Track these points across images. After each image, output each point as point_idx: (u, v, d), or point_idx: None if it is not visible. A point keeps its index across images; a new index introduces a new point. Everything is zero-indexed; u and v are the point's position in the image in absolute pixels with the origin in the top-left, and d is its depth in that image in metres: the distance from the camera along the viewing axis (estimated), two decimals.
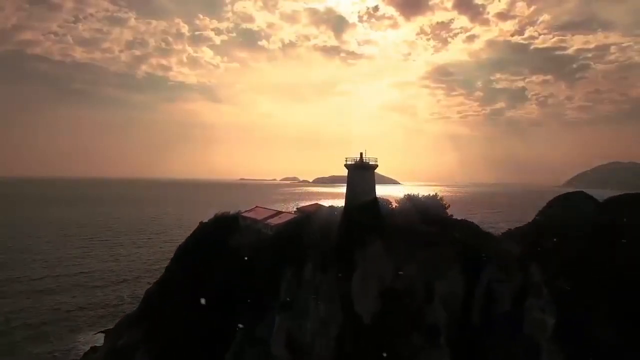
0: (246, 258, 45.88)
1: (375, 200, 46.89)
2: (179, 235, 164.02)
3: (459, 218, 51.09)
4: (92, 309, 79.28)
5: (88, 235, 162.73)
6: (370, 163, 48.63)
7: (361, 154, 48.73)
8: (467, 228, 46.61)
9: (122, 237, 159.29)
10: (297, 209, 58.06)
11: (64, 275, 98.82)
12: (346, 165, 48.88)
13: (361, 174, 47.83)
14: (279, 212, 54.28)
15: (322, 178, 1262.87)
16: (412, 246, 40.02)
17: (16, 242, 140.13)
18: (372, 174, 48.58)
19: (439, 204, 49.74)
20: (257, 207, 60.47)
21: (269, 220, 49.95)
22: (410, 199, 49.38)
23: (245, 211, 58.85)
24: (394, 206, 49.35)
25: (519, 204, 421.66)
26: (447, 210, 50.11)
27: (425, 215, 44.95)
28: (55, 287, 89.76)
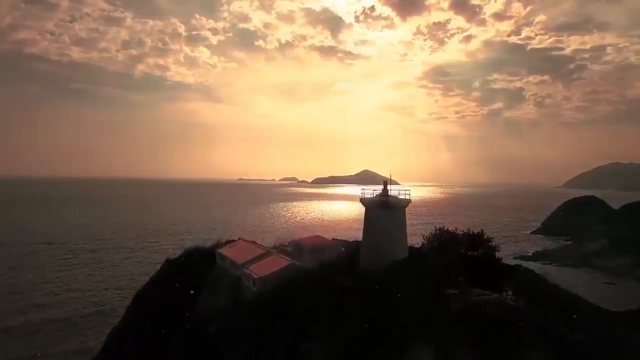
0: (215, 328, 32.59)
1: (411, 261, 30.47)
2: (170, 245, 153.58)
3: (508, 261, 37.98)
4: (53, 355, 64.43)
5: (72, 245, 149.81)
6: (400, 197, 32.01)
7: (385, 182, 33.11)
8: (531, 283, 33.07)
9: (107, 249, 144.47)
10: (291, 242, 45.58)
11: (30, 306, 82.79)
12: (362, 201, 33.24)
13: (387, 215, 31.14)
14: (267, 253, 40.04)
15: (321, 178, 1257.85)
16: (476, 346, 24.49)
17: None
18: (402, 215, 31.92)
19: (486, 244, 35.77)
20: (240, 239, 47.64)
21: (251, 268, 36.05)
22: (445, 237, 35.56)
23: (226, 243, 46.32)
24: (422, 243, 35.94)
25: (520, 205, 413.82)
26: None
27: (470, 263, 31.22)
28: (13, 327, 72.46)
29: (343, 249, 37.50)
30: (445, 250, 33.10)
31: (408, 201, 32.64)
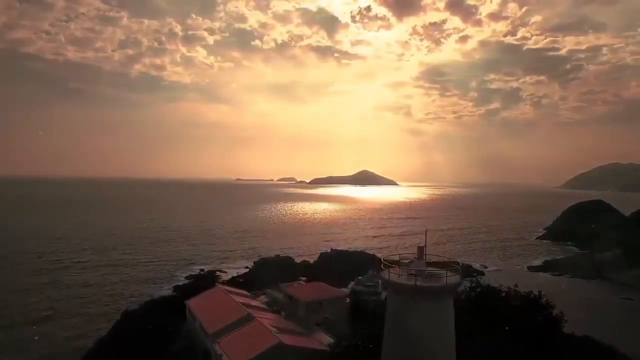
0: None
1: None
2: (160, 256, 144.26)
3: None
4: None
5: (54, 254, 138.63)
6: (449, 278, 18.78)
7: (421, 249, 20.58)
8: None
9: (95, 261, 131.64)
10: (281, 290, 36.85)
11: None
12: (388, 284, 19.68)
13: (425, 309, 18.41)
14: (247, 317, 28.50)
15: (319, 179, 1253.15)
16: None
17: None
18: (449, 309, 19.20)
19: (545, 311, 26.28)
20: (218, 286, 37.44)
21: (224, 344, 25.92)
22: (490, 300, 26.43)
23: (202, 288, 36.77)
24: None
25: (521, 206, 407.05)
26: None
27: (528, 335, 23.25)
28: None
29: (348, 300, 30.29)
30: (494, 324, 24.38)
31: (458, 284, 19.62)
